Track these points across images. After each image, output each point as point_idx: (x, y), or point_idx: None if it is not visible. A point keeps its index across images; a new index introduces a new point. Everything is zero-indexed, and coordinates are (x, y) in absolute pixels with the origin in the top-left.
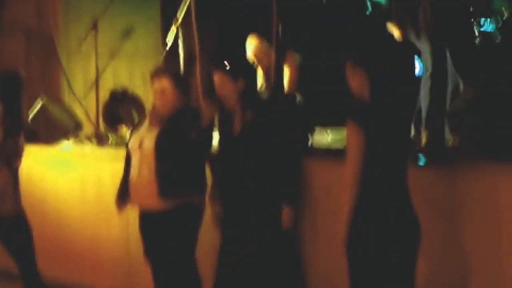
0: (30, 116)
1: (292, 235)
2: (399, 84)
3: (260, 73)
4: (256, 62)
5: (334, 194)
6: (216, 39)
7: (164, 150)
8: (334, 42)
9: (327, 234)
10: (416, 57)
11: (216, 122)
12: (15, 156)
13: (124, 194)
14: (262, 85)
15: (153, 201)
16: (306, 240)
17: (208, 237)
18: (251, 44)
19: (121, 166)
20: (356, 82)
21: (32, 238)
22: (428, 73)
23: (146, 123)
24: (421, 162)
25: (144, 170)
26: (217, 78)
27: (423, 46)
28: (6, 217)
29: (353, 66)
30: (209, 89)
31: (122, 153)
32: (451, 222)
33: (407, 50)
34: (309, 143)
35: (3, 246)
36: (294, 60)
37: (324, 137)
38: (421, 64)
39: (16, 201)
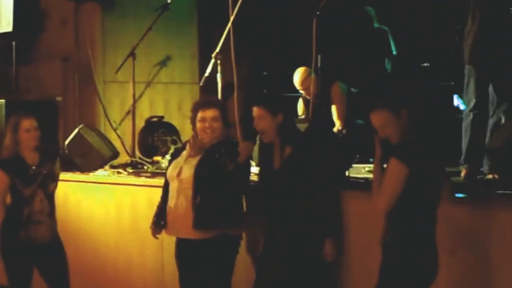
0: (66, 143)
1: (333, 268)
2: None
3: (300, 104)
4: (303, 92)
5: (368, 224)
6: (254, 71)
7: (202, 180)
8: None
9: (361, 264)
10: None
11: (254, 154)
12: (51, 180)
13: (159, 222)
14: (303, 113)
15: (189, 231)
16: (340, 270)
17: (243, 269)
18: (298, 73)
19: (156, 194)
20: (400, 126)
21: (67, 265)
22: (469, 108)
23: (185, 152)
24: (459, 195)
25: (181, 199)
26: (255, 112)
27: (466, 80)
28: (42, 243)
29: (396, 111)
30: (246, 121)
31: (157, 181)
32: (482, 255)
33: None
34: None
35: (39, 272)
36: (340, 94)
37: (359, 169)
38: (459, 98)
39: (52, 227)
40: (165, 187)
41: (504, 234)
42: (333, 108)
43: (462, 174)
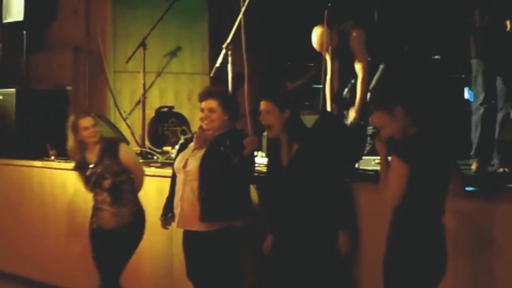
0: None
1: (345, 261)
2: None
3: (328, 62)
4: (322, 51)
5: (378, 216)
6: (265, 62)
7: (208, 172)
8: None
9: (372, 256)
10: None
11: (264, 145)
12: (103, 179)
13: (168, 213)
14: (331, 77)
15: (195, 223)
16: (353, 263)
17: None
18: (316, 32)
19: (165, 184)
20: (398, 123)
21: (125, 254)
22: (479, 102)
23: (192, 144)
24: (470, 188)
25: (187, 191)
26: (263, 106)
27: (474, 74)
28: (107, 229)
29: (391, 110)
30: (256, 113)
31: (166, 171)
32: (492, 249)
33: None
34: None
35: (95, 255)
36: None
37: (369, 162)
38: (470, 91)
39: (117, 214)
40: (173, 179)
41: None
42: (358, 68)
43: (473, 167)
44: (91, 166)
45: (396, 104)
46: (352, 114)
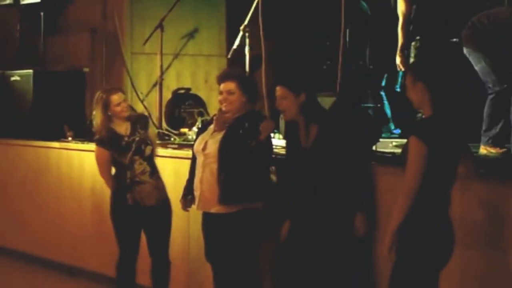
0: (93, 113)
1: (364, 243)
2: (460, 101)
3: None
4: None
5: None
6: (282, 44)
7: (227, 155)
8: None
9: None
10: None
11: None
12: (145, 145)
13: (188, 195)
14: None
15: (215, 205)
16: (371, 244)
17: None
18: None
19: (182, 165)
20: (417, 96)
21: (170, 228)
22: (496, 87)
23: (212, 126)
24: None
25: (206, 173)
26: (278, 91)
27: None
28: (148, 204)
29: (414, 81)
30: (273, 95)
31: (183, 152)
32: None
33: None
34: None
35: (144, 233)
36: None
37: (386, 144)
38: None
39: (157, 187)
40: (193, 161)
41: None
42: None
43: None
44: (125, 137)
45: (420, 79)
46: (397, 59)
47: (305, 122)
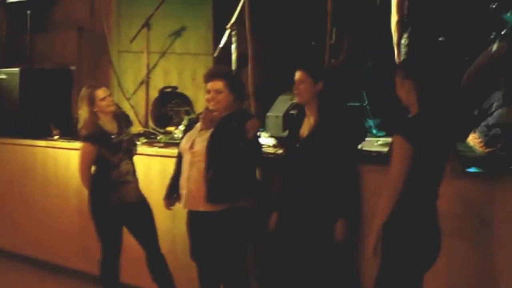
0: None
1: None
2: (448, 101)
3: None
4: None
5: None
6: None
7: (214, 153)
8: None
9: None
10: None
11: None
12: (133, 144)
13: (172, 194)
14: None
15: (202, 204)
16: (358, 243)
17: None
18: None
19: (168, 164)
20: (405, 93)
21: (153, 221)
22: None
23: (198, 124)
24: (471, 169)
25: (194, 172)
26: (297, 75)
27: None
28: (130, 201)
29: (402, 79)
30: (260, 93)
31: (170, 151)
32: (489, 231)
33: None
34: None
35: (129, 230)
36: None
37: (371, 143)
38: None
39: (137, 185)
40: (178, 160)
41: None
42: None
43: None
44: (113, 135)
45: (408, 77)
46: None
47: (315, 111)
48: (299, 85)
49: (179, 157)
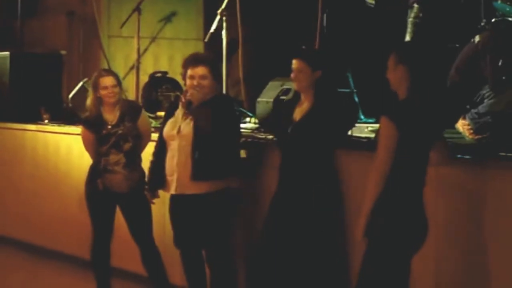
0: (70, 97)
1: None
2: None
3: None
4: None
5: None
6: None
7: (203, 136)
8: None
9: None
10: None
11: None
12: (124, 141)
13: (156, 187)
14: None
15: (188, 186)
16: (348, 229)
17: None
18: None
19: None
20: (396, 77)
21: (148, 216)
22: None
23: (179, 110)
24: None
25: (182, 157)
26: (295, 64)
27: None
28: (119, 191)
29: (395, 62)
30: (250, 78)
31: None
32: (477, 217)
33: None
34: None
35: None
36: None
37: (362, 129)
38: None
39: (130, 178)
40: (160, 146)
41: (500, 197)
42: None
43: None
44: (109, 126)
45: (402, 61)
46: None
47: (311, 98)
48: (298, 74)
49: (161, 143)
